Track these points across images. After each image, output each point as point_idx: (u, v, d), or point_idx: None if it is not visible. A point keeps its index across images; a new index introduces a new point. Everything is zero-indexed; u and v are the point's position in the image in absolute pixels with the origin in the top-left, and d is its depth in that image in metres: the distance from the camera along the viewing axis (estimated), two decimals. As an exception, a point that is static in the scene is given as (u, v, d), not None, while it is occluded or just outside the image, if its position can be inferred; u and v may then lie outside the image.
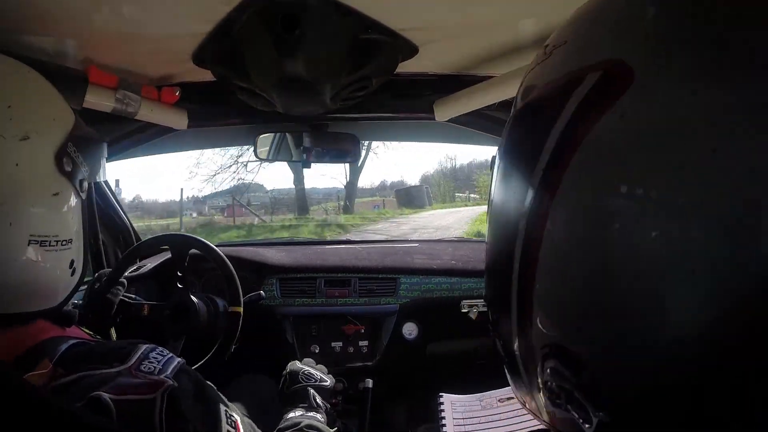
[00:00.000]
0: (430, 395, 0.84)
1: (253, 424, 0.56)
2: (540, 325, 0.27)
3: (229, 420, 0.48)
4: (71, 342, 0.47)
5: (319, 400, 0.81)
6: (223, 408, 0.49)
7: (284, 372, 0.88)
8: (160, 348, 0.48)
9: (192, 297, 1.08)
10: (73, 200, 0.51)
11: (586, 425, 0.24)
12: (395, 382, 1.34)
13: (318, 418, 0.75)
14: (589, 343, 0.24)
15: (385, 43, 0.73)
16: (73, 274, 0.52)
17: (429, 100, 1.01)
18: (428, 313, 1.33)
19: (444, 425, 0.77)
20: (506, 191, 0.31)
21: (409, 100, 1.03)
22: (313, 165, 1.23)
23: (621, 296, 0.23)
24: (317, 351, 1.28)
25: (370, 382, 1.12)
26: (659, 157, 0.23)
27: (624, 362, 0.23)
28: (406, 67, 0.85)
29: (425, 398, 1.25)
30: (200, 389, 0.48)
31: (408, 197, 14.33)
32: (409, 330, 1.32)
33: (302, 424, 0.70)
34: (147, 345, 0.47)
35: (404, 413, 1.35)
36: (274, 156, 1.31)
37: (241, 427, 0.50)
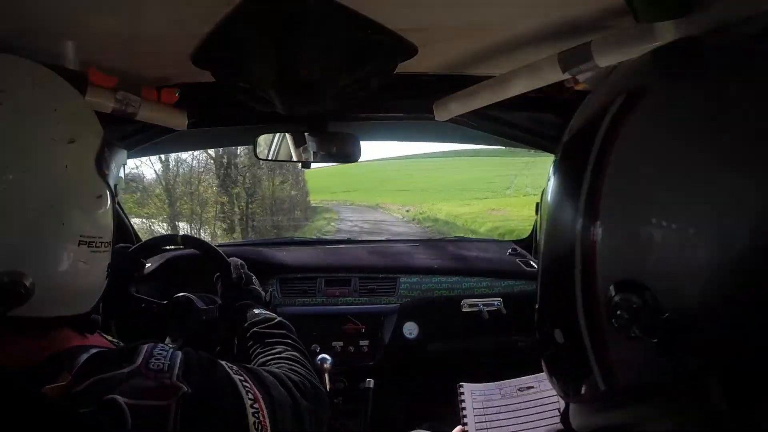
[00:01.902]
0: (431, 394, 0.85)
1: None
2: (604, 267, 0.33)
3: (248, 394, 0.49)
4: (92, 351, 0.47)
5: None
6: (237, 379, 0.50)
7: (235, 267, 0.97)
8: (161, 344, 0.48)
9: (190, 296, 1.08)
10: (110, 203, 0.52)
11: (653, 339, 0.29)
12: (396, 382, 1.34)
13: (286, 323, 0.83)
14: (648, 272, 0.30)
15: (385, 43, 0.73)
16: (106, 277, 0.53)
17: (429, 100, 1.01)
18: (429, 313, 1.33)
19: (465, 415, 0.77)
20: (560, 219, 0.38)
21: (409, 100, 1.03)
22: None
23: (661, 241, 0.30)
24: (318, 350, 1.28)
25: (371, 382, 1.12)
26: (671, 179, 0.30)
27: (675, 281, 0.29)
28: (406, 67, 0.85)
29: (426, 397, 1.26)
30: (206, 369, 0.48)
31: None
32: (410, 329, 1.32)
33: (277, 320, 0.80)
34: (148, 344, 0.48)
35: (405, 413, 1.36)
36: (274, 156, 1.31)
37: (250, 380, 0.51)
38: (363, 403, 1.12)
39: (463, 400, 0.80)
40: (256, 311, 0.85)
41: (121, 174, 0.55)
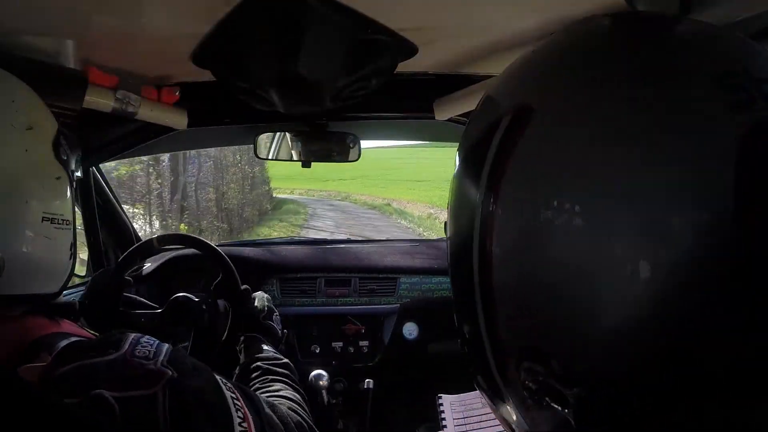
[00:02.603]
0: (431, 395, 0.84)
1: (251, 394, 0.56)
2: (506, 331, 0.31)
3: (238, 412, 0.48)
4: (72, 339, 0.48)
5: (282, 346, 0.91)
6: (229, 395, 0.48)
7: (255, 299, 0.95)
8: (147, 336, 0.48)
9: (187, 295, 1.07)
10: (69, 186, 0.56)
11: (566, 410, 0.27)
12: (396, 382, 1.34)
13: (291, 365, 0.80)
14: (550, 338, 0.28)
15: (385, 43, 0.73)
16: (71, 257, 0.57)
17: (429, 100, 1.01)
18: (429, 313, 1.33)
19: (445, 426, 0.77)
20: (459, 217, 0.35)
21: (409, 100, 1.03)
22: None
23: (560, 297, 0.27)
24: (318, 351, 1.28)
25: (371, 383, 1.12)
26: (562, 175, 0.27)
27: (579, 346, 0.27)
28: (405, 66, 0.85)
29: (426, 398, 1.25)
30: (197, 370, 0.47)
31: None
32: (410, 330, 1.32)
33: (283, 361, 0.78)
34: (135, 333, 0.47)
35: (405, 413, 1.35)
36: (274, 156, 1.31)
37: (241, 399, 0.50)
38: (363, 404, 1.12)
39: (442, 411, 0.80)
40: (266, 347, 0.83)
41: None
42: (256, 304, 0.95)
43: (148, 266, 1.35)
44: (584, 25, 0.34)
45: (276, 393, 0.68)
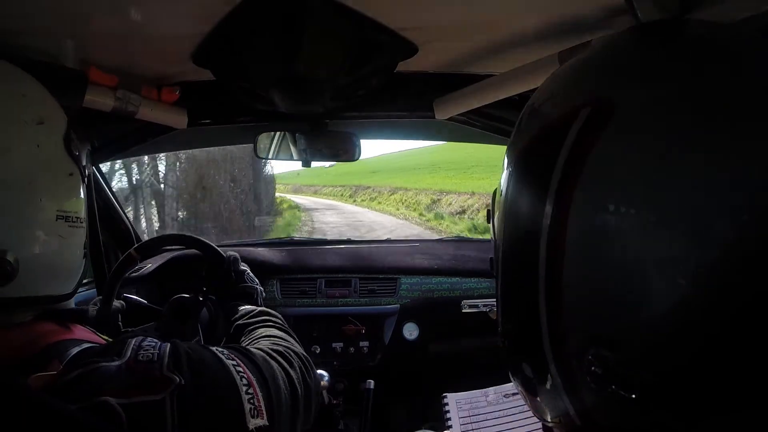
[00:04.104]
0: (432, 395, 0.84)
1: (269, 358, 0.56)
2: (572, 321, 0.31)
3: (242, 379, 0.48)
4: (84, 346, 0.47)
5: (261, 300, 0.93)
6: (230, 364, 0.48)
7: (225, 264, 0.95)
8: (149, 337, 0.47)
9: (184, 296, 1.07)
10: (82, 183, 0.54)
11: (632, 395, 0.28)
12: (396, 382, 1.34)
13: (268, 310, 0.82)
14: (619, 325, 0.29)
15: (385, 42, 0.73)
16: (84, 256, 0.55)
17: (429, 99, 1.01)
18: (429, 314, 1.33)
19: (451, 426, 0.77)
20: (521, 217, 0.35)
21: (409, 99, 1.03)
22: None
23: (632, 289, 0.28)
24: (318, 351, 1.28)
25: (371, 383, 1.12)
26: (644, 176, 0.28)
27: (647, 333, 0.28)
28: (405, 65, 0.85)
29: (427, 398, 1.26)
30: (199, 356, 0.47)
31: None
32: (410, 330, 1.32)
33: (257, 310, 0.80)
34: (135, 337, 0.47)
35: (405, 413, 1.35)
36: (275, 155, 1.30)
37: (242, 363, 0.50)
38: (363, 404, 1.12)
39: (447, 411, 0.80)
40: (241, 308, 0.83)
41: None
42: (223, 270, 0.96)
43: (148, 267, 1.34)
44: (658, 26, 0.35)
45: (256, 338, 0.69)
